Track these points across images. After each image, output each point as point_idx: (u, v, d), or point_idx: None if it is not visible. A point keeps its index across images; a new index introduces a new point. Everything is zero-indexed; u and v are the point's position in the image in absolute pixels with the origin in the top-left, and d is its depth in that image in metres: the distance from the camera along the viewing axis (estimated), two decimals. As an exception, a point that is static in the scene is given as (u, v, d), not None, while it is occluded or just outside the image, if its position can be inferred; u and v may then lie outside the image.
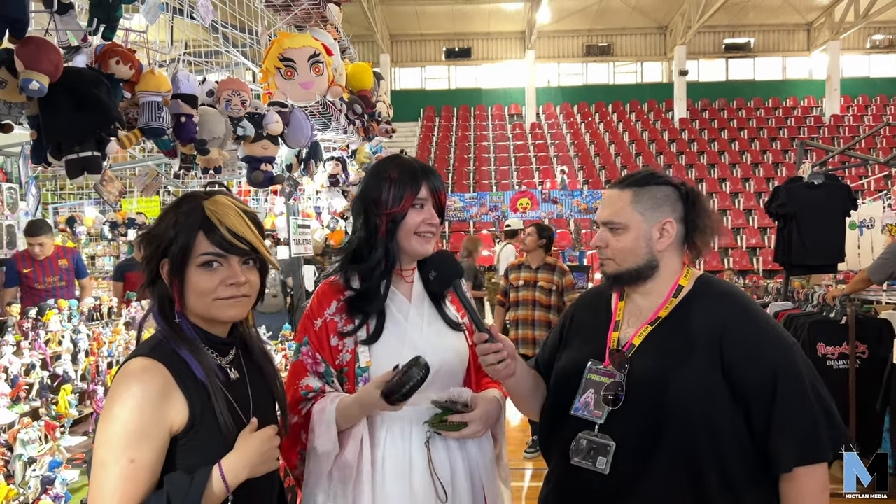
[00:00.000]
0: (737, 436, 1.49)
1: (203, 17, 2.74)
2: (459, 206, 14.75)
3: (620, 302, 1.71)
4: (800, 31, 24.95)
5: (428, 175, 1.72)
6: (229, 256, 1.35)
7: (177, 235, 1.33)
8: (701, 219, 1.64)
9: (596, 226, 1.72)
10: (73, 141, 1.95)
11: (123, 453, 1.21)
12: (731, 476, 1.48)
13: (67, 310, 3.59)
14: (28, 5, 1.73)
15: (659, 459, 1.49)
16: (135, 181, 4.85)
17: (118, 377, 1.29)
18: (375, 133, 4.57)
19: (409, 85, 25.74)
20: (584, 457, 1.56)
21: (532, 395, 1.80)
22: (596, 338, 1.68)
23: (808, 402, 1.49)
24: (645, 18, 24.12)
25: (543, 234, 5.33)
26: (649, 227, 1.62)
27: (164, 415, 1.26)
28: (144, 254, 1.38)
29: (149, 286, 1.39)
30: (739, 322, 1.55)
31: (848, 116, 22.70)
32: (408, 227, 1.70)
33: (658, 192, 1.64)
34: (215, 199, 1.37)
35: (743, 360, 1.51)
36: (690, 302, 1.61)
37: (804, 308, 5.15)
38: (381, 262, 1.72)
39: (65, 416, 2.83)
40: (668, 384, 1.51)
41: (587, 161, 20.62)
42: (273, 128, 3.00)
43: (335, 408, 1.64)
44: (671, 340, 1.57)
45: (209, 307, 1.36)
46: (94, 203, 9.13)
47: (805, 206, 5.28)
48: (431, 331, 1.77)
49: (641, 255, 1.62)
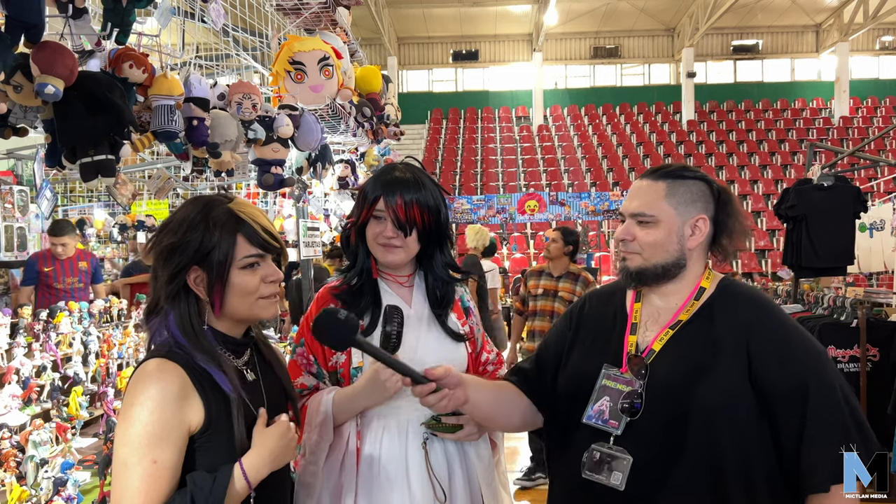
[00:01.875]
0: (764, 449, 1.41)
1: (214, 20, 2.75)
2: (467, 208, 14.74)
3: (637, 303, 1.61)
4: (808, 33, 24.86)
5: (389, 189, 1.71)
6: (266, 255, 1.38)
7: (219, 241, 1.33)
8: (732, 220, 1.56)
9: (621, 218, 1.61)
10: (88, 144, 1.96)
11: (146, 454, 1.22)
12: (756, 494, 1.40)
13: (78, 312, 3.61)
14: (44, 10, 1.74)
15: (680, 475, 1.40)
16: (147, 184, 4.87)
17: (135, 378, 1.29)
18: (384, 136, 4.57)
19: (416, 87, 25.77)
20: (598, 470, 1.46)
21: (495, 408, 1.67)
22: (610, 341, 1.59)
23: (841, 413, 1.40)
24: (652, 20, 24.07)
25: (569, 240, 4.87)
26: (682, 222, 1.53)
27: (183, 415, 1.26)
28: (169, 266, 1.34)
29: (171, 300, 1.35)
30: (767, 327, 1.46)
31: (857, 118, 22.59)
32: (369, 236, 1.76)
33: (693, 187, 1.55)
34: (238, 201, 1.39)
35: (771, 367, 1.42)
36: (713, 305, 1.52)
37: (814, 311, 5.12)
38: (356, 264, 1.81)
39: (76, 418, 2.84)
40: (693, 393, 1.42)
41: (595, 163, 20.59)
42: (283, 131, 3.00)
43: (331, 398, 1.67)
44: (694, 346, 1.48)
45: (252, 307, 1.38)
46: (103, 205, 9.17)
47: (815, 208, 5.25)
48: (430, 336, 1.79)
49: (671, 252, 1.53)
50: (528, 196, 14.92)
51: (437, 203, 1.77)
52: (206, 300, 1.36)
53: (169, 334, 1.34)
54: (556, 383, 1.68)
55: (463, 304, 1.91)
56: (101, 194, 8.71)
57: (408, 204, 1.70)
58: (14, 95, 1.84)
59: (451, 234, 1.88)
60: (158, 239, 1.37)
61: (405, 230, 1.71)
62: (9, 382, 2.70)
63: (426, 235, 1.76)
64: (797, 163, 19.76)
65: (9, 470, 2.14)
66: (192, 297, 1.36)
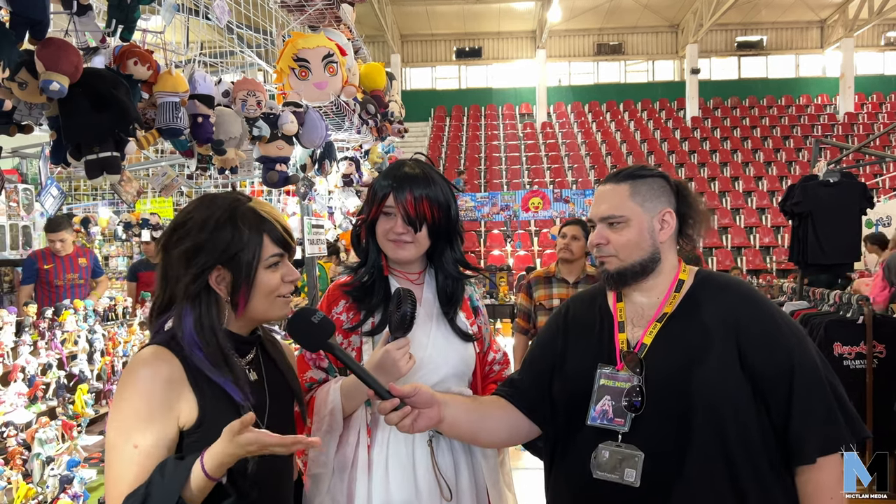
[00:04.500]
0: (763, 429, 1.45)
1: (219, 17, 2.75)
2: (471, 205, 14.73)
3: (619, 303, 1.64)
4: (813, 29, 24.77)
5: (399, 185, 1.72)
6: (285, 254, 1.39)
7: (247, 241, 1.32)
8: (693, 210, 1.62)
9: (591, 225, 1.64)
10: (93, 141, 1.95)
11: (129, 438, 1.21)
12: (762, 473, 1.44)
13: (83, 310, 3.62)
14: (48, 7, 1.74)
15: (691, 464, 1.43)
16: (152, 182, 4.88)
17: (130, 363, 1.30)
18: (388, 133, 4.57)
19: (419, 85, 25.75)
20: (609, 469, 1.47)
21: (478, 426, 1.64)
22: (601, 342, 1.62)
23: (824, 391, 1.46)
24: (656, 17, 24.02)
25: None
26: (651, 218, 1.58)
27: (171, 402, 1.25)
28: (193, 267, 1.31)
29: (192, 300, 1.32)
30: (752, 313, 1.51)
31: (862, 114, 22.52)
32: (379, 233, 1.76)
33: (654, 184, 1.61)
34: (257, 200, 1.40)
35: (759, 351, 1.47)
36: (696, 295, 1.57)
37: (820, 307, 5.11)
38: (367, 261, 1.82)
39: (81, 416, 2.85)
40: (691, 382, 1.45)
41: (599, 160, 20.55)
42: (288, 128, 3.00)
43: (339, 387, 1.67)
44: (685, 336, 1.51)
45: (272, 305, 1.38)
46: (107, 204, 9.19)
47: (820, 205, 5.24)
48: (439, 334, 1.79)
49: (645, 248, 1.57)
50: (531, 193, 14.90)
51: (447, 198, 1.78)
52: (226, 300, 1.35)
53: (182, 332, 1.30)
54: (552, 391, 1.68)
55: (472, 304, 1.91)
56: (106, 192, 8.72)
57: (417, 199, 1.71)
58: (19, 92, 1.84)
59: (461, 231, 1.88)
60: (177, 239, 1.34)
61: (415, 226, 1.72)
62: (14, 380, 2.71)
63: (436, 231, 1.76)
64: (802, 159, 19.70)
65: (15, 468, 2.15)
66: (212, 298, 1.34)
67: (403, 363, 1.57)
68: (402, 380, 1.58)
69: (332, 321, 1.50)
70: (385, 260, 1.81)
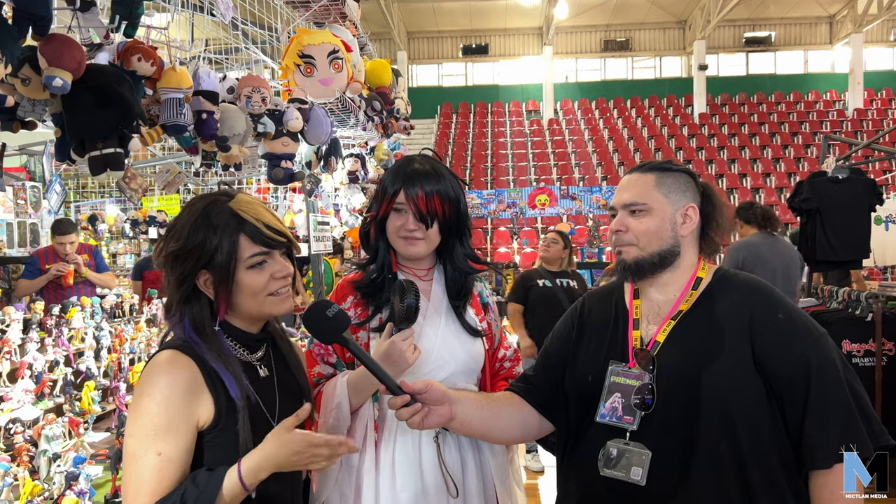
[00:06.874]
0: (776, 431, 1.42)
1: (224, 14, 2.74)
2: (477, 202, 14.72)
3: (636, 300, 1.62)
4: (822, 24, 24.61)
5: (410, 182, 1.71)
6: (272, 252, 1.36)
7: (220, 244, 1.31)
8: (717, 212, 1.60)
9: (612, 213, 1.63)
10: (97, 137, 1.95)
11: (151, 446, 1.21)
12: (773, 476, 1.40)
13: (90, 307, 3.63)
14: (51, 2, 1.73)
15: (699, 464, 1.41)
16: (156, 178, 4.88)
17: (147, 369, 1.29)
18: (394, 130, 4.56)
19: (426, 82, 25.73)
20: (616, 467, 1.46)
21: (490, 424, 1.64)
22: (614, 339, 1.60)
23: (843, 393, 1.40)
24: (664, 13, 23.91)
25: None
26: (674, 210, 1.56)
27: (191, 408, 1.26)
28: (175, 272, 1.33)
29: (183, 304, 1.34)
30: (768, 312, 1.47)
31: (871, 110, 22.36)
32: (390, 230, 1.76)
33: (680, 178, 1.60)
34: (239, 199, 1.37)
35: (774, 350, 1.43)
36: (712, 294, 1.54)
37: (829, 305, 5.07)
38: (377, 258, 1.81)
39: (88, 413, 2.84)
40: (702, 381, 1.42)
41: (606, 157, 20.50)
42: (293, 124, 2.99)
43: (346, 381, 1.67)
44: (698, 335, 1.49)
45: (262, 304, 1.37)
46: (115, 201, 9.23)
47: (829, 201, 5.20)
48: (448, 330, 1.78)
49: (666, 239, 1.55)
50: (538, 190, 14.87)
51: (457, 194, 1.78)
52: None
53: (185, 334, 1.33)
54: (564, 386, 1.67)
55: (482, 300, 1.91)
56: (113, 190, 8.76)
57: (428, 195, 1.71)
58: (22, 88, 1.84)
59: (470, 226, 1.87)
60: (164, 245, 1.36)
61: (426, 222, 1.72)
62: (22, 377, 2.71)
63: (447, 227, 1.77)
64: (810, 156, 19.59)
65: (22, 464, 2.14)
66: (203, 300, 1.35)
67: (409, 354, 1.56)
68: (409, 372, 1.58)
69: (347, 315, 1.50)
70: (394, 256, 1.81)
